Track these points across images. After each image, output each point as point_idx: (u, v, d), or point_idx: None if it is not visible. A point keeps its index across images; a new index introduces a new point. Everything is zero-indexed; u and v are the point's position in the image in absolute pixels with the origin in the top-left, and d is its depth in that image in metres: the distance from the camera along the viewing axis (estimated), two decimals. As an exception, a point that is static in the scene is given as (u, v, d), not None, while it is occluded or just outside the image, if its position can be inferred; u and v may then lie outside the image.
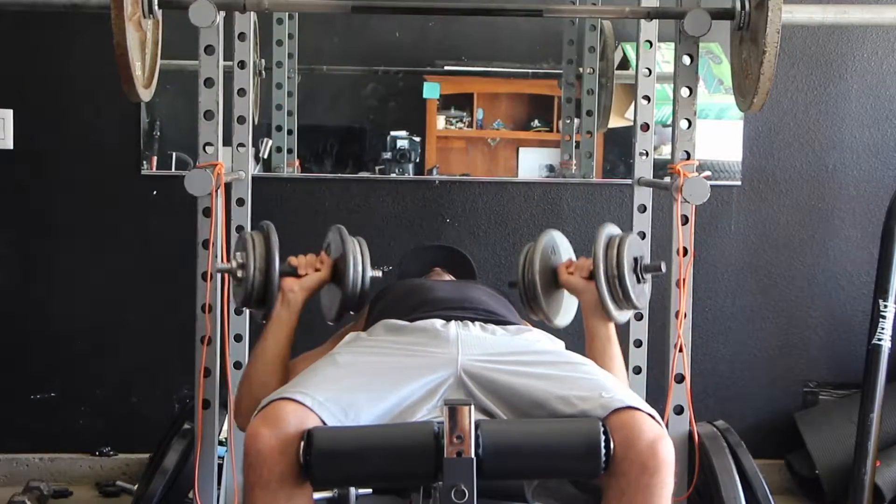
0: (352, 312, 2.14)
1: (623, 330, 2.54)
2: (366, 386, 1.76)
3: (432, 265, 2.51)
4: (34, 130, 3.05)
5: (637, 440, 1.61)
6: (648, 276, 2.13)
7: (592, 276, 2.09)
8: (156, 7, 2.07)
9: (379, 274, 2.12)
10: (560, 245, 2.25)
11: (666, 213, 2.27)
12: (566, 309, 2.27)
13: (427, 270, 2.49)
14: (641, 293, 2.12)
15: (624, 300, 2.08)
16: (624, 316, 2.16)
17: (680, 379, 2.18)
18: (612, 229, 2.15)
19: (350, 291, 2.06)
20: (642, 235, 2.52)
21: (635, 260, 2.09)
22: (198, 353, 2.14)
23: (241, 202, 2.50)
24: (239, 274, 2.04)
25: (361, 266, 2.08)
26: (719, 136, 3.17)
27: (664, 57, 2.67)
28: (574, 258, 2.22)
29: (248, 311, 2.46)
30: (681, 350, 2.17)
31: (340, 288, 2.08)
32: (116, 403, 3.11)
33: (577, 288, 2.13)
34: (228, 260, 2.09)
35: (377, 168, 3.12)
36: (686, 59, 2.19)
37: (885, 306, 2.70)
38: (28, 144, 3.04)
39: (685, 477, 2.16)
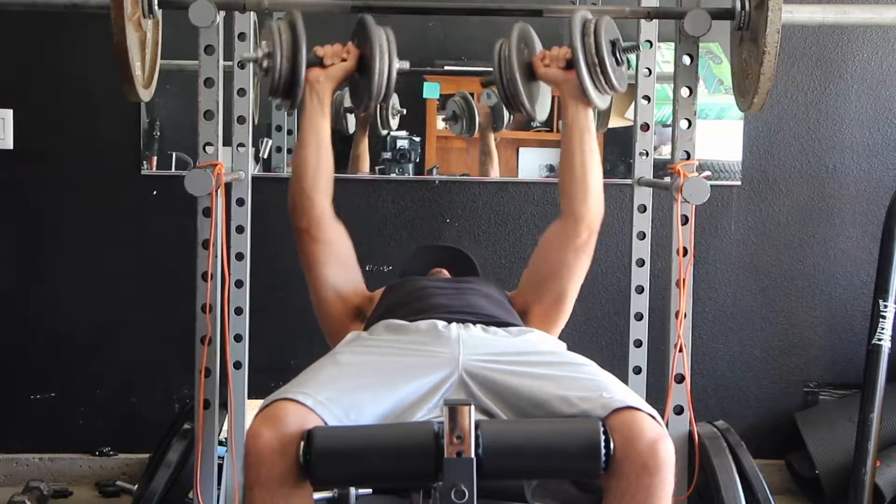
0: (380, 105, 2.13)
1: (623, 330, 2.55)
2: (367, 386, 1.76)
3: (434, 265, 2.50)
4: (34, 130, 3.05)
5: (637, 440, 1.60)
6: (626, 58, 2.09)
7: (570, 65, 2.05)
8: (156, 7, 2.07)
9: (406, 65, 2.10)
10: (531, 37, 2.18)
11: (666, 213, 2.27)
12: (543, 100, 2.22)
13: (429, 270, 2.49)
14: (622, 76, 2.08)
15: (606, 86, 2.05)
16: (604, 101, 2.12)
17: (680, 379, 2.17)
18: (584, 14, 2.08)
19: (377, 82, 2.03)
20: (642, 236, 2.51)
21: (612, 43, 2.04)
22: (198, 353, 2.14)
23: (241, 202, 2.50)
24: (265, 63, 2.02)
25: (388, 56, 2.04)
26: (719, 136, 3.17)
27: (664, 57, 2.67)
28: (543, 49, 2.16)
29: (247, 314, 2.47)
30: (681, 350, 2.16)
31: (367, 78, 2.04)
32: (116, 403, 3.11)
33: (556, 80, 2.10)
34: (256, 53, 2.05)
35: (377, 168, 3.12)
36: (686, 59, 2.18)
37: (885, 306, 2.70)
38: (28, 144, 3.04)
39: (685, 477, 2.16)
